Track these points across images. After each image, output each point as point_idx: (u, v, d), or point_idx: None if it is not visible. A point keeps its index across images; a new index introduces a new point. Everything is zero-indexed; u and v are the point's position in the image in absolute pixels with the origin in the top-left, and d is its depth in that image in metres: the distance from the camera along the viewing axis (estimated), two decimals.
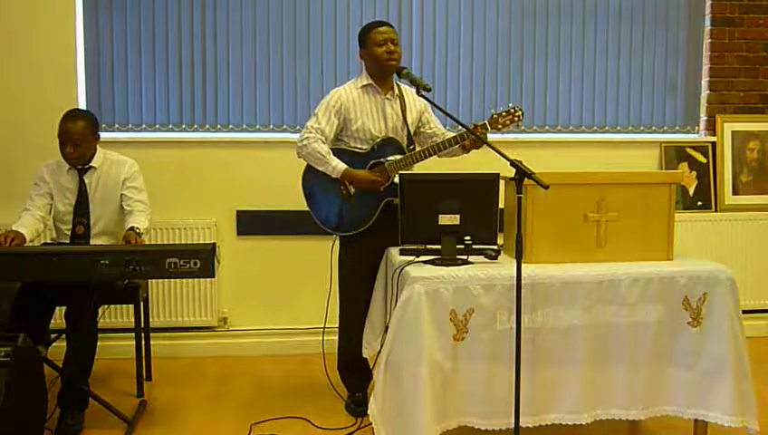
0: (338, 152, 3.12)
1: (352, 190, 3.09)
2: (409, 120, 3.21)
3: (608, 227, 2.71)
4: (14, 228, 3.06)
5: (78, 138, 3.12)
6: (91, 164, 3.23)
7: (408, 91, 3.26)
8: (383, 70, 3.12)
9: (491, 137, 2.95)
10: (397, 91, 3.21)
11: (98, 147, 3.27)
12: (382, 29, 3.12)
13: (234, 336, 4.13)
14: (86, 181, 3.23)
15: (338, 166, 3.06)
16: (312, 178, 3.17)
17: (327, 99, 3.16)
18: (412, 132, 3.24)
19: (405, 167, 3.09)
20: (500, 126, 3.08)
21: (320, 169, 3.10)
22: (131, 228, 3.10)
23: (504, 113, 3.08)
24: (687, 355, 2.65)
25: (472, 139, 3.05)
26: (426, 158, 3.10)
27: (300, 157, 3.16)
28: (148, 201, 3.32)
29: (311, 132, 3.10)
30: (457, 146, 3.12)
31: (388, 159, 3.10)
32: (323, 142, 3.09)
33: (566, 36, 4.30)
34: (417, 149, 3.15)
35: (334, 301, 3.29)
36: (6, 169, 3.89)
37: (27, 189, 3.29)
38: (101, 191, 3.25)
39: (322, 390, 3.42)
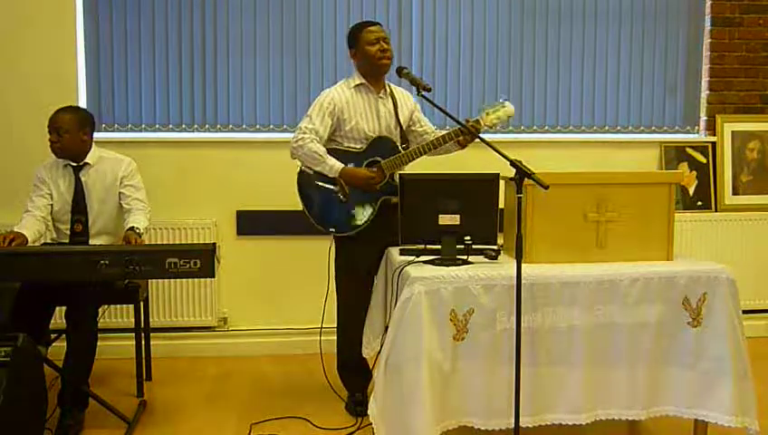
0: (332, 152, 3.11)
1: (348, 190, 3.09)
2: (402, 119, 3.21)
3: (608, 227, 2.71)
4: (15, 230, 3.06)
5: (60, 127, 3.13)
6: (86, 160, 3.23)
7: (399, 90, 3.26)
8: (376, 69, 3.11)
9: (491, 137, 2.95)
10: (388, 90, 3.21)
11: (93, 145, 3.28)
12: (373, 28, 3.12)
13: (234, 336, 4.14)
14: (82, 179, 3.23)
15: (335, 165, 3.06)
16: (308, 180, 3.16)
17: (320, 100, 3.14)
18: (405, 131, 3.25)
19: (401, 165, 3.09)
20: (491, 121, 3.08)
21: (317, 169, 3.09)
22: (131, 228, 3.10)
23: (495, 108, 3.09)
24: (687, 355, 2.65)
25: (466, 134, 3.04)
26: (421, 155, 3.10)
27: (294, 158, 3.14)
28: (147, 199, 3.32)
29: (305, 133, 3.08)
30: (452, 142, 3.12)
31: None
32: (318, 142, 3.09)
33: (566, 36, 4.30)
34: (412, 147, 3.15)
35: (332, 301, 3.29)
36: (6, 170, 3.89)
37: (27, 190, 3.29)
38: (99, 189, 3.25)
39: (322, 390, 3.42)
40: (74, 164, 3.24)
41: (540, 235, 2.67)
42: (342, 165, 3.06)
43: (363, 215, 3.11)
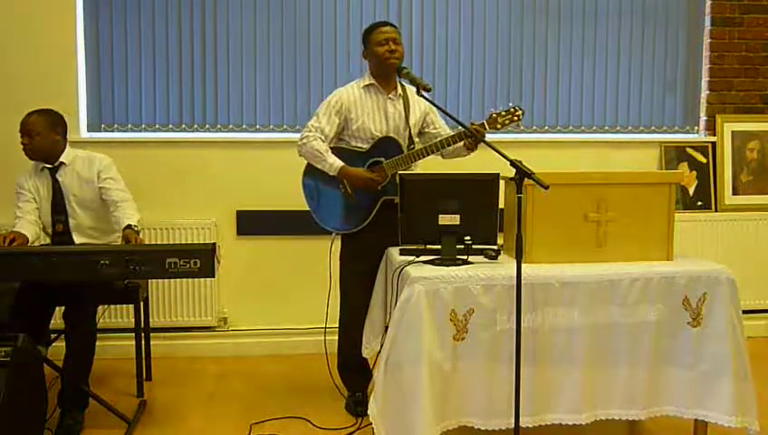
0: (338, 151, 3.13)
1: (350, 189, 3.10)
2: (412, 121, 3.21)
3: (608, 227, 2.71)
4: (14, 231, 3.07)
5: (31, 129, 3.14)
6: (61, 160, 3.23)
7: (413, 92, 3.26)
8: (385, 69, 3.12)
9: (491, 137, 2.95)
10: (400, 91, 3.22)
11: (68, 145, 3.28)
12: (384, 29, 3.13)
13: (234, 336, 4.13)
14: (59, 179, 3.23)
15: (334, 163, 3.08)
16: (312, 177, 3.19)
17: (328, 99, 3.18)
18: (416, 133, 3.25)
19: (403, 166, 3.09)
20: (499, 125, 3.07)
21: (318, 166, 3.12)
22: (128, 226, 3.09)
23: (503, 113, 3.08)
24: (687, 355, 2.65)
25: (471, 138, 3.04)
26: (424, 157, 3.10)
27: (300, 155, 3.18)
28: (128, 189, 3.30)
29: (311, 131, 3.13)
30: (461, 144, 3.11)
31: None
32: (323, 141, 3.10)
33: (566, 36, 4.30)
34: (416, 148, 3.15)
35: (334, 301, 3.29)
36: (7, 170, 3.88)
37: None
38: (76, 187, 3.23)
39: (322, 390, 3.42)
40: (50, 166, 3.24)
41: (540, 235, 2.67)
42: (342, 163, 3.07)
43: (363, 214, 3.12)
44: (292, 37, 4.09)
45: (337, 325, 3.32)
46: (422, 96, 2.89)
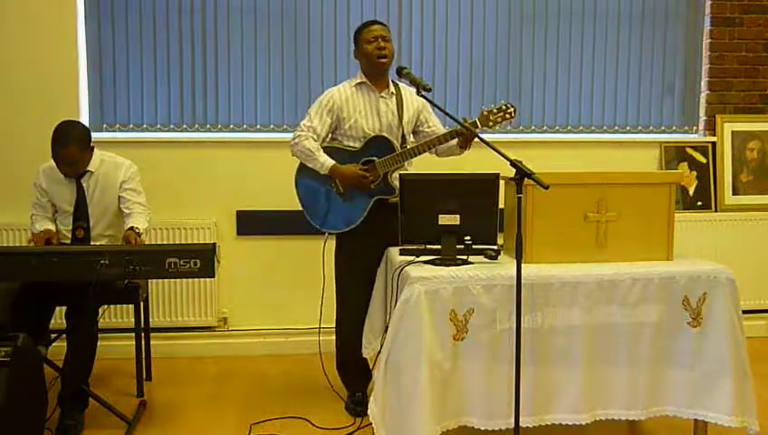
0: (331, 150, 3.13)
1: (342, 188, 3.10)
2: (405, 119, 3.20)
3: (608, 227, 2.71)
4: (38, 227, 3.11)
5: (71, 159, 3.08)
6: (88, 169, 3.20)
7: (406, 90, 3.26)
8: (374, 66, 3.12)
9: (491, 137, 2.95)
10: (393, 89, 3.22)
11: (94, 150, 3.25)
12: (372, 27, 3.14)
13: (234, 336, 4.14)
14: (84, 185, 3.21)
15: (326, 162, 3.08)
16: (305, 177, 3.18)
17: (320, 98, 3.19)
18: (409, 131, 3.24)
19: (396, 164, 3.08)
20: (491, 123, 3.04)
21: (309, 165, 3.13)
22: (131, 228, 3.09)
23: (495, 110, 3.04)
24: (687, 355, 2.65)
25: (463, 134, 3.03)
26: (416, 155, 3.09)
27: (293, 155, 3.18)
28: (147, 203, 3.31)
29: (303, 131, 3.13)
30: (454, 143, 3.10)
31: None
32: (314, 140, 3.11)
33: (565, 36, 4.30)
34: (409, 146, 3.15)
35: (328, 301, 3.29)
36: (8, 170, 3.89)
37: (28, 190, 3.29)
38: (99, 194, 3.23)
39: (322, 390, 3.42)
40: None
41: (540, 235, 2.67)
42: (333, 162, 3.08)
43: (356, 213, 3.12)
44: (293, 37, 4.09)
45: (333, 325, 3.32)
46: (422, 96, 2.89)
